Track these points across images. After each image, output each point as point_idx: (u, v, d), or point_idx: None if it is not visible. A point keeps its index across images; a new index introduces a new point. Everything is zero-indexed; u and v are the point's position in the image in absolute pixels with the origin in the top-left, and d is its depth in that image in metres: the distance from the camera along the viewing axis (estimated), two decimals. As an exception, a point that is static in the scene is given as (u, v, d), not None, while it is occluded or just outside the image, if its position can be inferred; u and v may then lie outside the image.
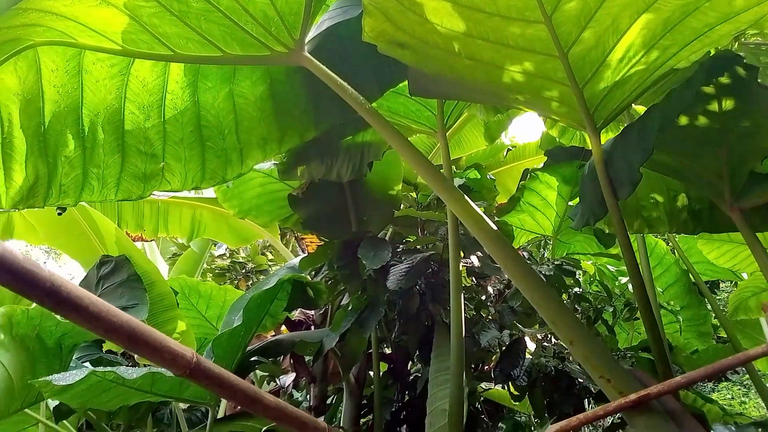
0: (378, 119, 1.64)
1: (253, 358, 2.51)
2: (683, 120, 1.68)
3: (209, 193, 3.99)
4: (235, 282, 5.45)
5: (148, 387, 2.03)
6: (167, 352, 0.84)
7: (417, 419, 3.01)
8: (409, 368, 3.39)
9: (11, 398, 2.10)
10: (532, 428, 3.11)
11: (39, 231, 3.10)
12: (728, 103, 1.63)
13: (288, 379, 2.39)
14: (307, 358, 3.26)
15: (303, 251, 5.23)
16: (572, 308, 3.27)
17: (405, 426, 3.12)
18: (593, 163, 1.90)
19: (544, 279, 2.72)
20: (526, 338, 2.84)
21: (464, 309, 2.41)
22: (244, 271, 5.54)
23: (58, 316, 2.20)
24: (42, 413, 2.98)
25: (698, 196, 2.25)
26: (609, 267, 3.72)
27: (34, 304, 2.16)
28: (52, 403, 3.23)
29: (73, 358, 2.54)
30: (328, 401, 3.20)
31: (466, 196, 1.51)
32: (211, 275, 5.39)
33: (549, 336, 3.02)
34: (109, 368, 1.90)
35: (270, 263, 5.59)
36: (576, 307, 3.19)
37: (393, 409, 3.09)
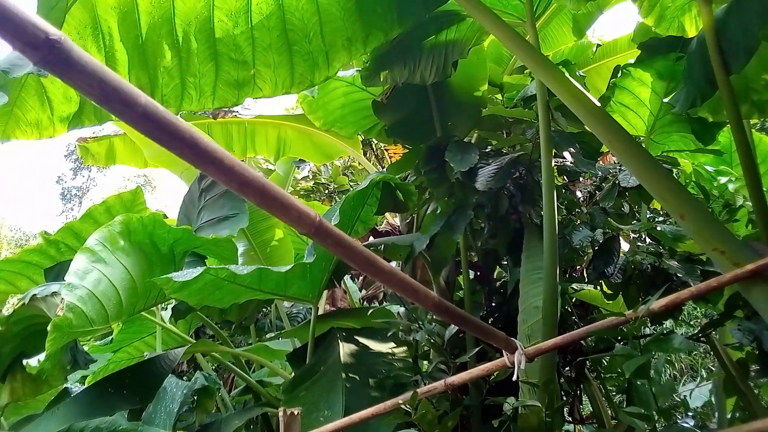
0: None
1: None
2: (811, -24, 1.51)
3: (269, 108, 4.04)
4: (320, 202, 5.61)
5: (256, 284, 2.17)
6: (294, 210, 0.88)
7: (506, 321, 3.06)
8: (494, 275, 3.42)
9: (135, 298, 2.30)
10: (623, 328, 3.08)
11: (145, 151, 3.29)
12: None
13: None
14: (396, 265, 3.36)
15: (382, 170, 5.27)
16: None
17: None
18: (702, 36, 1.77)
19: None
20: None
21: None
22: (327, 192, 5.68)
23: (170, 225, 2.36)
24: (158, 319, 3.27)
25: (820, 72, 2.05)
26: (707, 167, 3.53)
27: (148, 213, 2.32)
28: (166, 315, 3.53)
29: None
30: (419, 306, 3.30)
31: (566, 73, 1.45)
32: (296, 197, 5.58)
33: (643, 235, 2.94)
34: (221, 266, 2.04)
35: (351, 183, 5.69)
36: (670, 210, 3.06)
37: (482, 313, 3.15)
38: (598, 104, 1.44)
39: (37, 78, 1.86)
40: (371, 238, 3.66)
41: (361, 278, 3.42)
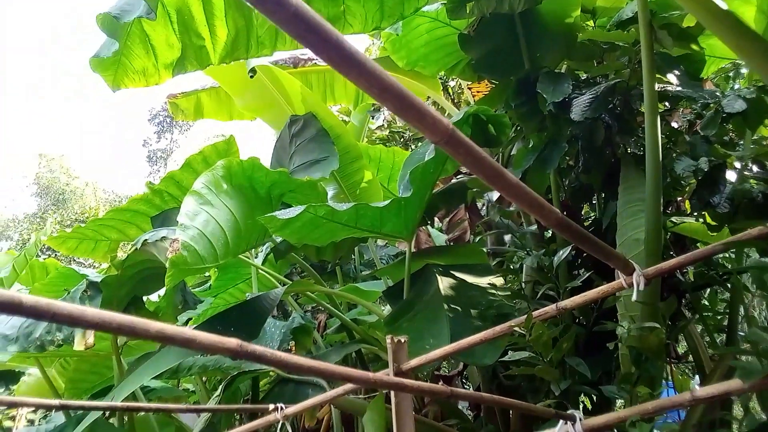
0: None
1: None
2: None
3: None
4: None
5: (353, 222, 2.21)
6: (430, 117, 0.88)
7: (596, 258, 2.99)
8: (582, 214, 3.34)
9: (239, 239, 2.41)
10: (726, 263, 2.95)
11: (237, 100, 3.38)
12: None
13: (494, 195, 2.44)
14: (481, 205, 3.34)
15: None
16: (774, 140, 2.95)
17: (582, 269, 3.12)
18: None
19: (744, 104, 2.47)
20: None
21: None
22: (402, 140, 5.66)
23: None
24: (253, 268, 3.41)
25: None
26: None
27: (245, 157, 2.39)
28: (258, 261, 3.68)
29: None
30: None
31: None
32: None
33: (749, 164, 2.77)
34: (320, 204, 2.09)
35: (427, 130, 5.62)
36: (777, 139, 2.87)
37: (573, 251, 3.09)
38: (724, 5, 1.34)
39: (141, 26, 1.93)
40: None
41: (446, 220, 3.42)
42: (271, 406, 1.85)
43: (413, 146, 5.73)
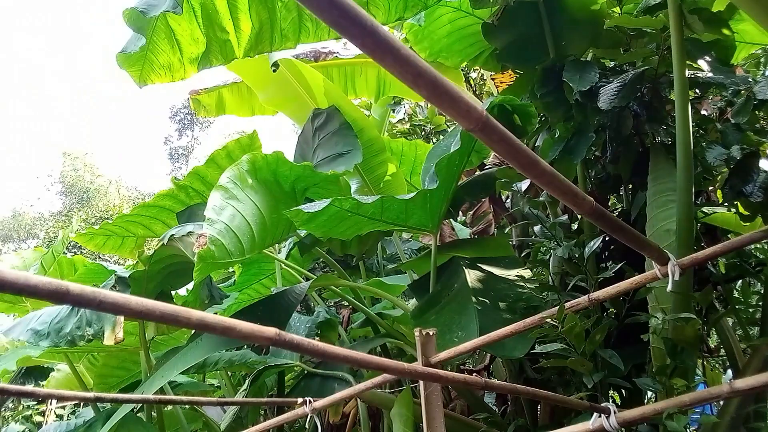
0: None
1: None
2: None
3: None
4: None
5: (378, 215, 2.20)
6: (464, 103, 0.86)
7: (625, 249, 2.94)
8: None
9: (265, 233, 2.41)
10: (759, 254, 2.88)
11: (260, 95, 3.39)
12: None
13: (523, 185, 2.41)
14: (505, 198, 3.30)
15: (481, 106, 5.09)
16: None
17: (610, 261, 3.08)
18: None
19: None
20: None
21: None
22: (423, 133, 5.64)
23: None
24: (277, 264, 3.41)
25: None
26: None
27: (271, 151, 2.39)
28: (281, 256, 3.69)
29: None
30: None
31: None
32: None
33: (783, 151, 2.69)
34: (346, 197, 2.08)
35: (448, 123, 5.60)
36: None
37: (600, 243, 3.05)
38: (764, -13, 1.29)
39: (166, 21, 1.94)
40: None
41: (470, 213, 3.39)
42: (300, 400, 1.85)
43: (434, 140, 5.70)
